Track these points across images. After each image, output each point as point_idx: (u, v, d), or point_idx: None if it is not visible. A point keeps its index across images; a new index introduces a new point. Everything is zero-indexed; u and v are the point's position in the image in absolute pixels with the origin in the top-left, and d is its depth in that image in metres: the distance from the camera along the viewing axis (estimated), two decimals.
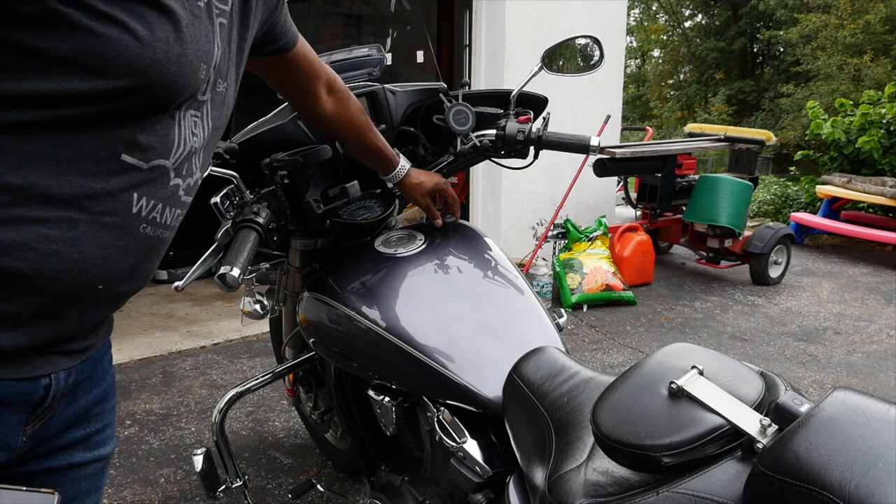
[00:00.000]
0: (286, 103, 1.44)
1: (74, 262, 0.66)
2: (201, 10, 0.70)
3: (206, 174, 0.85)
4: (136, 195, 0.69)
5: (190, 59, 0.68)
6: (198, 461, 1.47)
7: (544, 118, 1.44)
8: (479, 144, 1.44)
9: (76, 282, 0.67)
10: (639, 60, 25.06)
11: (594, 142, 1.38)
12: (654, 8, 23.25)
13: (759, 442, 0.68)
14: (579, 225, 4.16)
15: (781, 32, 16.64)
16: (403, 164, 1.40)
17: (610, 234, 4.16)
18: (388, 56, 1.63)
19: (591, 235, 4.03)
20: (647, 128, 6.11)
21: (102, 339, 0.81)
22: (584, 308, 3.85)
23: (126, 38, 0.61)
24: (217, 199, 1.14)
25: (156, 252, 0.77)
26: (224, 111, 0.83)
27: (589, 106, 4.63)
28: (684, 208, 4.57)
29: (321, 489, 1.76)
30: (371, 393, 1.30)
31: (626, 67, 6.50)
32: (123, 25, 0.61)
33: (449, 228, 1.46)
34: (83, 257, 0.66)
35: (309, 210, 1.36)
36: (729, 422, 0.71)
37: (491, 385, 1.12)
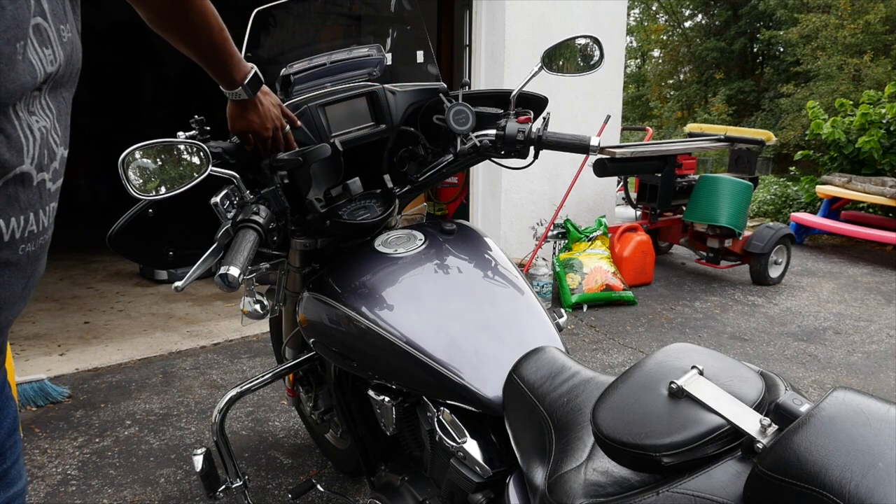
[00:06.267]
0: None
1: None
2: None
3: (67, 150, 0.68)
4: (1, 222, 0.58)
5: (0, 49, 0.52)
6: (198, 461, 1.47)
7: (544, 118, 1.44)
8: (479, 144, 1.44)
9: None
10: (639, 60, 25.05)
11: (594, 142, 1.38)
12: (654, 8, 23.24)
13: (759, 442, 0.68)
14: (579, 225, 4.16)
15: (781, 32, 16.62)
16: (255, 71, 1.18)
17: (610, 234, 4.16)
18: (388, 56, 1.62)
19: (591, 235, 4.03)
20: (647, 128, 6.10)
21: (1, 366, 0.71)
22: (584, 308, 3.85)
23: None
24: (217, 199, 1.14)
25: (42, 259, 0.67)
26: (73, 54, 0.64)
27: (589, 106, 4.62)
28: (684, 208, 4.57)
29: (321, 489, 1.76)
30: (371, 393, 1.30)
31: (626, 67, 6.50)
32: None
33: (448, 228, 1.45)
34: None
35: (311, 209, 1.35)
36: (729, 422, 0.71)
37: (491, 385, 1.12)
